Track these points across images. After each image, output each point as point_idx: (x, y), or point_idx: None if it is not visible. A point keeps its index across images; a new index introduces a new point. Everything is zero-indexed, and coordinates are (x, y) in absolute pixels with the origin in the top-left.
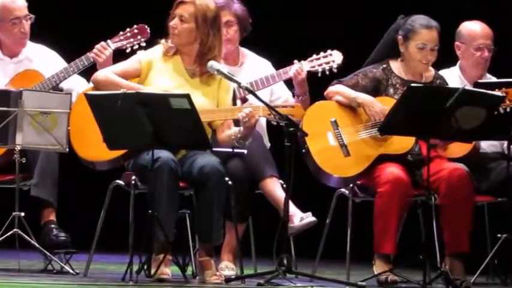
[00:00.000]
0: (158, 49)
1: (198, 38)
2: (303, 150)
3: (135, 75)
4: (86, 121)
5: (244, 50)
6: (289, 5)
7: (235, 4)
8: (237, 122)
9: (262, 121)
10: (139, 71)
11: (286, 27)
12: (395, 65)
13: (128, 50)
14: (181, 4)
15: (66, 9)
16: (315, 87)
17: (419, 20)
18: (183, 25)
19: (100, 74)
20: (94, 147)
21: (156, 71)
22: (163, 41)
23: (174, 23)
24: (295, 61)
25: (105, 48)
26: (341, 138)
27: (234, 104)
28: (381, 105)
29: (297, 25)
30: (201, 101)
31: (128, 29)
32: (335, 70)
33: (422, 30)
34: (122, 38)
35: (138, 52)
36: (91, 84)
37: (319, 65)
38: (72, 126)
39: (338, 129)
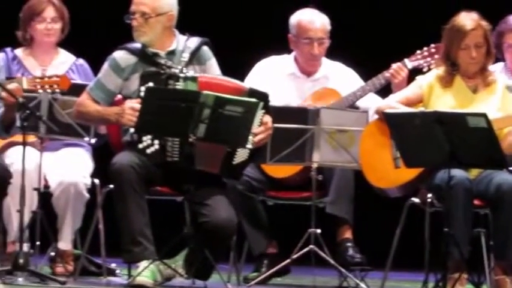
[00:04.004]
0: (434, 73)
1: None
2: None
3: (418, 101)
4: (375, 150)
5: None
6: None
7: None
8: None
9: None
10: (422, 97)
11: None
12: None
13: (425, 69)
14: (471, 32)
15: (365, 25)
16: None
17: None
18: (481, 51)
19: (383, 106)
20: (384, 175)
21: (438, 94)
22: (439, 70)
23: (474, 54)
24: None
25: (401, 69)
26: None
27: None
28: None
29: None
30: (490, 113)
31: (425, 48)
32: None
33: None
34: (419, 57)
35: (417, 78)
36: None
37: None
38: (363, 155)
39: None
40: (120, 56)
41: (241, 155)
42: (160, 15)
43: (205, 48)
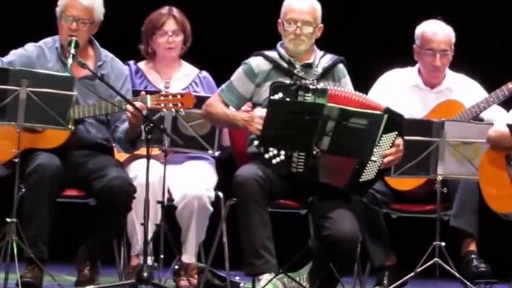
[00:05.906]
0: None
1: None
2: None
3: None
4: (492, 179)
5: None
6: None
7: None
8: None
9: None
10: None
11: None
12: None
13: None
14: None
15: (490, 36)
16: None
17: None
18: None
19: (493, 134)
20: (505, 201)
21: None
22: None
23: None
24: None
25: None
26: None
27: None
28: None
29: None
30: None
31: None
32: None
33: None
34: None
35: None
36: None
37: None
38: (483, 186)
39: None
40: (255, 61)
41: (369, 172)
42: (316, 27)
43: (340, 66)
